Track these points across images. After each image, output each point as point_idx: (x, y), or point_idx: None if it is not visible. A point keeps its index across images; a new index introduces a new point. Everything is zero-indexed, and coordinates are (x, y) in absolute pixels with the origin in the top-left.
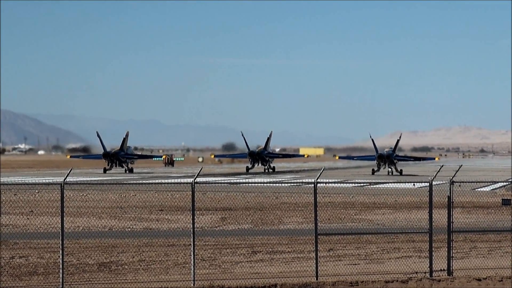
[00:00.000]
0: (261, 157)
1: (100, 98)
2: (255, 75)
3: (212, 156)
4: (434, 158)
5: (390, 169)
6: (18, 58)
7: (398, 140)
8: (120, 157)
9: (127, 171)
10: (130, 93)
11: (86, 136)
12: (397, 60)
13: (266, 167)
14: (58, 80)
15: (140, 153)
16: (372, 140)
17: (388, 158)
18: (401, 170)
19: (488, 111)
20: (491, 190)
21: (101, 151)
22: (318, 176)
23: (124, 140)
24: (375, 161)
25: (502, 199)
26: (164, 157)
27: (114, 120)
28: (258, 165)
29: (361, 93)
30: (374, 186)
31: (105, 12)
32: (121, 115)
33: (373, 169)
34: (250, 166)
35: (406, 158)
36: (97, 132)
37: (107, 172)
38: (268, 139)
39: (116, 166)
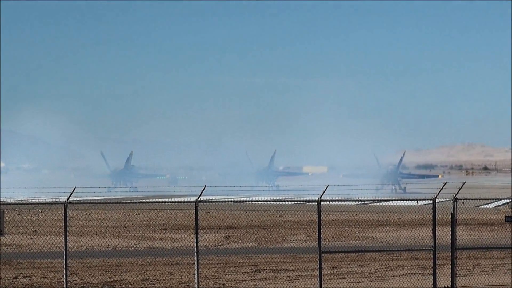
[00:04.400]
0: (266, 175)
1: (103, 117)
2: (258, 94)
3: (217, 175)
4: (437, 176)
5: (393, 187)
6: (20, 78)
7: (401, 158)
8: (124, 176)
9: (131, 190)
10: (133, 112)
11: (90, 155)
12: (399, 78)
13: (270, 185)
14: (60, 99)
15: (143, 172)
16: (376, 158)
17: (391, 176)
18: (404, 187)
19: (492, 128)
20: (494, 207)
21: (105, 171)
22: (321, 194)
23: (128, 159)
24: (379, 179)
25: (506, 216)
26: (167, 176)
27: (117, 139)
28: (262, 183)
29: (364, 111)
30: (378, 203)
31: (110, 32)
32: (125, 134)
33: (376, 187)
34: (254, 184)
35: (409, 176)
36: (101, 152)
37: (111, 191)
38: (272, 157)
39: (120, 185)
